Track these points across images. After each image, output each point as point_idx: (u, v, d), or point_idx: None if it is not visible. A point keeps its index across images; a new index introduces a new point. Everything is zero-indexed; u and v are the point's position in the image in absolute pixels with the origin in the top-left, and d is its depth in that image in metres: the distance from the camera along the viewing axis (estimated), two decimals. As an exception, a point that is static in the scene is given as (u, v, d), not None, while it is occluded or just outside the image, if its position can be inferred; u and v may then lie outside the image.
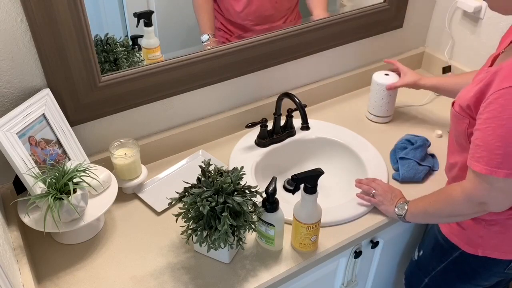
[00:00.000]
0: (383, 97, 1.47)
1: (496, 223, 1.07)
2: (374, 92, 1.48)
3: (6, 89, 1.07)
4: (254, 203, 1.03)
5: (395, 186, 1.25)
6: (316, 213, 1.04)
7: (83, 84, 1.14)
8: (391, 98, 1.48)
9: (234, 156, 1.36)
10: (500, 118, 0.89)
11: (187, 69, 1.28)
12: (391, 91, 1.45)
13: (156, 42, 1.33)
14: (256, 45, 1.36)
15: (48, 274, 1.05)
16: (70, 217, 1.03)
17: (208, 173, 1.03)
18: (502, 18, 1.45)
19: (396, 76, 1.47)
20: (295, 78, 1.54)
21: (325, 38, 1.49)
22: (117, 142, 1.21)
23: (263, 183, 1.24)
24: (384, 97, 1.47)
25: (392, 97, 1.48)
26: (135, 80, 1.21)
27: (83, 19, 1.06)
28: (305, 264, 1.08)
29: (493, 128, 0.90)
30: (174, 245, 1.12)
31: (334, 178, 1.38)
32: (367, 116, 1.54)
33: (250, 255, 1.10)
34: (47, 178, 1.00)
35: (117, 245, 1.12)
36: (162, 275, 1.05)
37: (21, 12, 1.00)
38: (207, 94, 1.38)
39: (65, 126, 1.14)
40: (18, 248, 1.03)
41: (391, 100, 1.49)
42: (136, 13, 1.29)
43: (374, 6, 1.55)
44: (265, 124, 1.37)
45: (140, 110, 1.29)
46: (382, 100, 1.48)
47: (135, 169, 1.22)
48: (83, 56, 1.10)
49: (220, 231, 0.96)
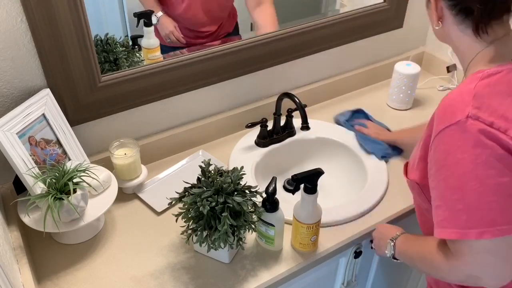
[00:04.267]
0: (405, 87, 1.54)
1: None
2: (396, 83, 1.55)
3: (6, 89, 1.07)
4: (254, 203, 1.03)
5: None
6: (316, 213, 1.04)
7: (83, 84, 1.14)
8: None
9: (234, 156, 1.36)
10: (447, 167, 0.75)
11: (187, 69, 1.28)
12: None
13: (156, 42, 1.33)
14: (256, 45, 1.36)
15: (48, 274, 1.05)
16: (70, 217, 1.03)
17: (208, 173, 1.03)
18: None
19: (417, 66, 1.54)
20: (295, 78, 1.54)
21: (325, 38, 1.49)
22: (117, 142, 1.21)
23: (263, 183, 1.24)
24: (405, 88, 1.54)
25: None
26: (135, 80, 1.21)
27: (83, 19, 1.06)
28: (305, 264, 1.08)
29: (444, 181, 0.76)
30: (174, 245, 1.12)
31: (334, 178, 1.38)
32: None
33: (250, 255, 1.10)
34: (47, 178, 1.00)
35: (117, 245, 1.12)
36: (162, 275, 1.05)
37: (21, 12, 1.00)
38: (207, 94, 1.38)
39: (65, 126, 1.14)
40: (18, 248, 1.03)
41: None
42: (136, 13, 1.29)
43: (374, 6, 1.55)
44: (265, 124, 1.37)
45: (140, 110, 1.29)
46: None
47: (135, 169, 1.22)
48: (83, 56, 1.10)
49: (220, 231, 0.96)
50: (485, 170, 0.72)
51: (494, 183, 0.72)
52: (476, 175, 0.73)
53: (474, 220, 0.73)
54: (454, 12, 0.84)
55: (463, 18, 0.84)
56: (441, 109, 0.79)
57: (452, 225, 0.75)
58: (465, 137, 0.73)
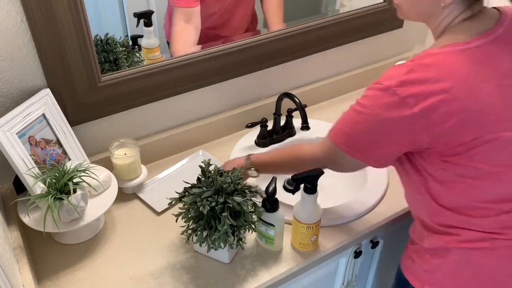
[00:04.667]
0: None
1: (436, 254, 0.99)
2: None
3: (6, 89, 1.07)
4: (254, 203, 1.03)
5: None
6: (316, 213, 1.04)
7: (83, 84, 1.14)
8: None
9: (234, 156, 1.36)
10: (360, 104, 0.93)
11: (187, 69, 1.28)
12: None
13: (156, 42, 1.33)
14: (256, 45, 1.36)
15: (48, 274, 1.05)
16: (70, 217, 1.03)
17: (208, 173, 1.03)
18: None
19: None
20: (295, 78, 1.54)
21: (325, 38, 1.49)
22: (117, 142, 1.21)
23: (263, 183, 1.24)
24: None
25: None
26: (135, 80, 1.21)
27: (83, 19, 1.06)
28: (305, 264, 1.08)
29: (352, 108, 0.95)
30: (174, 245, 1.12)
31: (334, 178, 1.37)
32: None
33: (250, 255, 1.10)
34: (47, 178, 1.00)
35: (117, 245, 1.12)
36: (162, 275, 1.05)
37: (21, 12, 1.00)
38: (207, 94, 1.38)
39: (65, 126, 1.14)
40: (18, 248, 1.03)
41: None
42: (136, 13, 1.29)
43: (374, 6, 1.55)
44: (265, 124, 1.37)
45: (140, 110, 1.29)
46: None
47: (135, 169, 1.22)
48: (83, 56, 1.10)
49: (220, 231, 0.96)
50: (375, 118, 0.90)
51: (367, 127, 0.92)
52: (366, 119, 0.92)
53: (350, 143, 0.96)
54: None
55: None
56: (384, 73, 0.92)
57: (335, 134, 0.99)
58: (379, 96, 0.89)
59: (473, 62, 0.86)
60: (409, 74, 0.86)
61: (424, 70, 0.85)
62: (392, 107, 0.86)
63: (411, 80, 0.85)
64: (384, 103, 0.87)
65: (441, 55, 0.87)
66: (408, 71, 0.86)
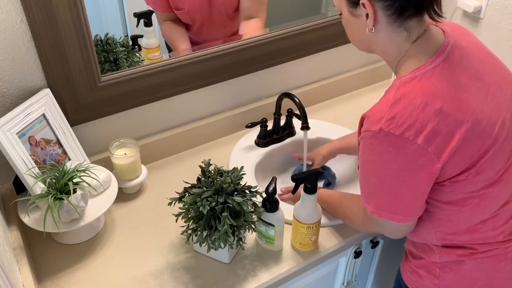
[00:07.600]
0: None
1: (447, 267, 0.98)
2: None
3: (6, 89, 1.07)
4: (254, 203, 1.03)
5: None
6: (316, 213, 1.04)
7: (83, 84, 1.14)
8: None
9: (234, 156, 1.36)
10: (361, 159, 0.91)
11: (187, 69, 1.28)
12: None
13: (156, 42, 1.33)
14: (256, 45, 1.36)
15: (48, 274, 1.05)
16: (70, 217, 1.03)
17: (208, 173, 1.03)
18: (502, 18, 1.45)
19: None
20: (295, 78, 1.54)
21: (325, 38, 1.49)
22: (117, 142, 1.21)
23: (263, 183, 1.24)
24: None
25: None
26: (135, 80, 1.21)
27: (83, 19, 1.06)
28: (305, 264, 1.08)
29: (360, 167, 0.93)
30: (174, 245, 1.12)
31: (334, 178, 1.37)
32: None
33: (250, 255, 1.10)
34: (47, 178, 1.00)
35: (117, 245, 1.12)
36: (162, 275, 1.05)
37: (21, 12, 1.00)
38: (207, 94, 1.38)
39: (65, 126, 1.14)
40: (18, 248, 1.03)
41: None
42: (136, 13, 1.29)
43: (374, 6, 1.55)
44: (265, 124, 1.37)
45: (140, 110, 1.29)
46: None
47: (135, 169, 1.22)
48: (83, 56, 1.10)
49: (220, 231, 0.96)
50: (385, 169, 0.87)
51: (384, 178, 0.88)
52: (377, 175, 0.89)
53: (373, 200, 0.92)
54: (389, 12, 0.85)
55: (396, 17, 0.86)
56: (367, 115, 0.88)
57: (363, 197, 0.95)
58: (377, 143, 0.85)
59: (446, 77, 0.85)
60: (394, 108, 0.83)
61: (407, 99, 0.83)
62: (393, 149, 0.84)
63: (400, 113, 0.82)
64: (383, 148, 0.84)
65: (417, 79, 0.85)
66: (391, 105, 0.83)
